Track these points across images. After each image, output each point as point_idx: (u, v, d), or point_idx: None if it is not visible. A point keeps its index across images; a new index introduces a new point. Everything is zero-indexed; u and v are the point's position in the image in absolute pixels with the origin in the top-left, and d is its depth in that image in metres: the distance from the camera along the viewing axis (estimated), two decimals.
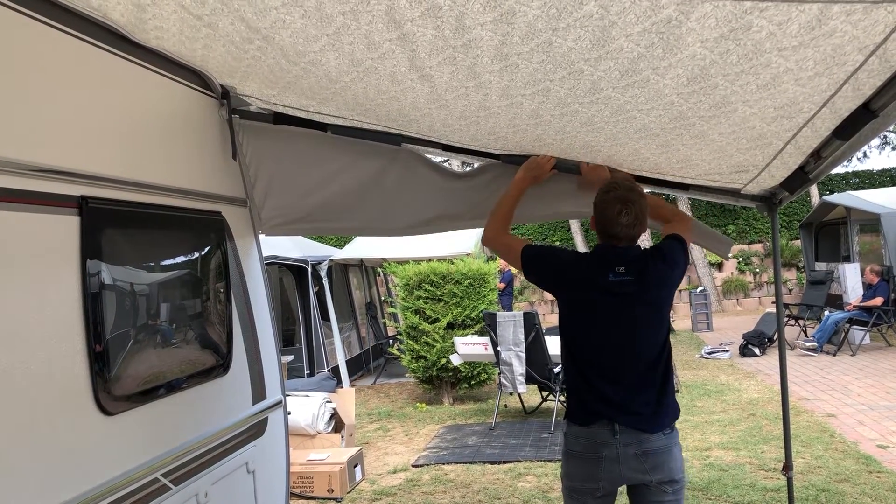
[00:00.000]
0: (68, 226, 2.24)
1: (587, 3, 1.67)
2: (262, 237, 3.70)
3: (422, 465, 6.42)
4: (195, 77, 3.04)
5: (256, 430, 3.44)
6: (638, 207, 2.62)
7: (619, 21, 1.75)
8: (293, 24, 1.98)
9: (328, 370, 10.26)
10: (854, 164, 25.34)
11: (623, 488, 2.70)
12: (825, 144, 2.54)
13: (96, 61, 2.41)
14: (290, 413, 6.15)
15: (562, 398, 7.78)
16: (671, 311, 12.20)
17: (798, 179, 2.95)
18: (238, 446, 3.22)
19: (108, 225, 2.42)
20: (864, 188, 19.25)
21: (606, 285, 2.62)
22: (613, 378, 2.64)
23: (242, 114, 3.34)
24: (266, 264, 10.54)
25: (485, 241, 3.12)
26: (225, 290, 3.23)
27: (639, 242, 2.71)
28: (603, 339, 2.66)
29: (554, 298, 13.28)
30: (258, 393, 3.46)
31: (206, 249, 3.11)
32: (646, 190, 3.25)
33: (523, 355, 7.56)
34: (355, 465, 6.00)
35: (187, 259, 2.98)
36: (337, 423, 6.52)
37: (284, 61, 2.38)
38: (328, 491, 5.67)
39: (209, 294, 3.11)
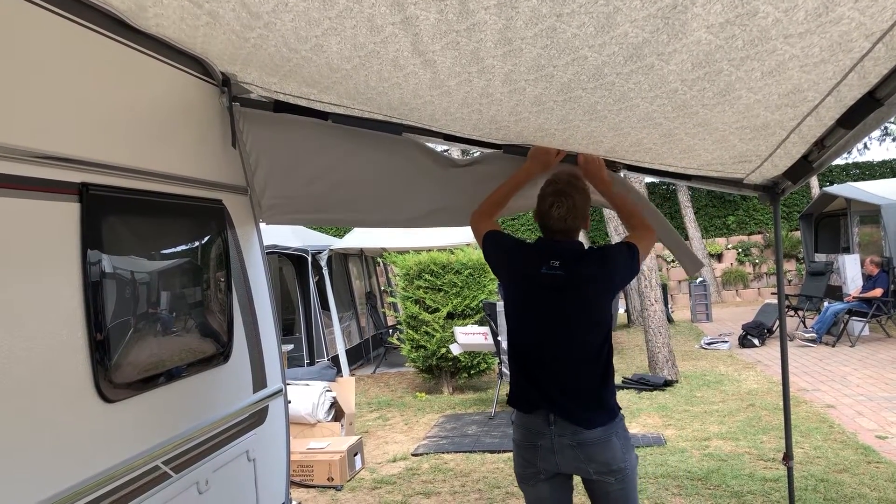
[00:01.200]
0: (69, 213, 2.23)
1: None
2: (262, 226, 3.69)
3: (421, 454, 6.44)
4: (196, 64, 3.02)
5: (257, 418, 3.43)
6: (572, 201, 2.68)
7: (624, 7, 1.73)
8: (295, 6, 1.96)
9: (328, 359, 10.27)
10: (854, 156, 25.30)
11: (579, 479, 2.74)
12: (829, 133, 2.52)
13: (97, 48, 2.39)
14: (290, 402, 6.17)
15: None
16: (672, 302, 12.10)
17: (801, 169, 2.94)
18: (239, 434, 3.22)
19: (109, 212, 2.41)
20: (864, 179, 19.23)
21: (539, 277, 2.67)
22: (548, 370, 2.67)
23: (243, 101, 3.32)
24: (266, 253, 10.51)
25: (470, 219, 3.16)
26: (225, 279, 3.22)
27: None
28: (537, 330, 2.70)
29: None
30: (259, 381, 3.46)
31: (207, 238, 3.10)
32: (647, 180, 3.25)
33: None
34: (355, 454, 6.01)
35: (188, 247, 2.97)
36: (337, 412, 6.53)
37: (286, 49, 2.36)
38: (328, 479, 5.68)
39: (210, 282, 3.11)
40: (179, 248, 2.91)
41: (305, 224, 7.30)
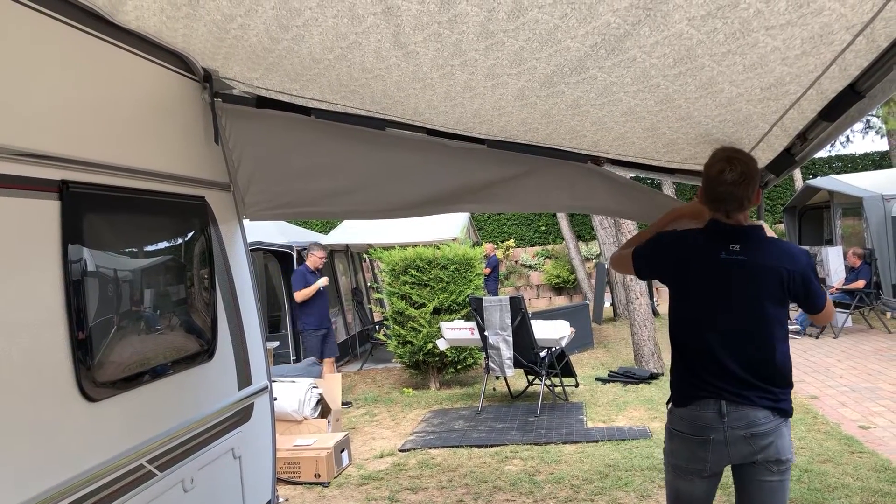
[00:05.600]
0: (48, 210, 2.20)
1: None
2: (246, 222, 3.67)
3: (408, 450, 6.43)
4: (177, 60, 2.99)
5: (242, 415, 3.42)
6: (745, 166, 2.46)
7: None
8: None
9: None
10: (837, 148, 25.47)
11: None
12: (811, 126, 2.53)
13: (76, 44, 2.36)
14: (276, 399, 6.14)
15: (548, 382, 7.82)
16: (657, 295, 12.09)
17: (784, 162, 2.95)
18: (224, 432, 3.20)
19: (90, 209, 2.38)
20: (847, 172, 19.35)
21: (718, 263, 2.52)
22: (729, 362, 2.58)
23: (225, 97, 3.31)
24: (251, 250, 10.41)
25: (612, 266, 3.03)
26: (209, 276, 3.20)
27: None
28: (718, 320, 2.59)
29: (539, 284, 13.33)
30: (244, 378, 3.44)
31: (190, 235, 3.07)
32: (630, 175, 3.25)
33: (511, 339, 7.57)
34: (342, 451, 6.00)
35: (170, 244, 2.95)
36: (323, 408, 6.51)
37: (267, 39, 2.35)
38: (315, 476, 5.66)
39: (193, 280, 3.08)
40: (162, 246, 2.89)
41: (290, 219, 7.27)
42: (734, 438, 2.51)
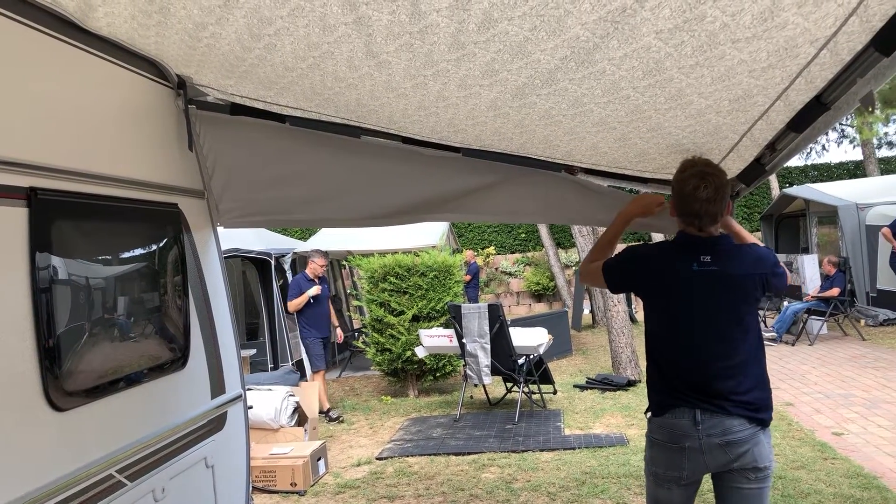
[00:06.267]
0: (16, 217, 2.18)
1: None
2: (222, 230, 3.65)
3: (386, 458, 6.41)
4: (151, 67, 2.98)
5: (215, 424, 3.39)
6: (718, 181, 2.48)
7: (575, 10, 1.75)
8: (246, 3, 1.95)
9: (292, 364, 10.19)
10: (813, 158, 25.82)
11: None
12: (780, 137, 2.57)
13: (46, 49, 2.34)
14: (252, 407, 6.11)
15: (526, 389, 7.83)
16: (634, 302, 12.12)
17: (754, 172, 2.98)
18: (196, 441, 3.18)
19: (59, 217, 2.36)
20: (822, 181, 19.61)
21: (689, 275, 2.54)
22: (702, 371, 2.60)
23: (199, 104, 3.29)
24: (228, 257, 10.37)
25: (582, 280, 3.03)
26: (182, 284, 3.18)
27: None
28: (691, 331, 2.61)
29: (520, 291, 13.34)
30: (217, 387, 3.42)
31: (162, 242, 3.05)
32: (605, 184, 3.27)
33: (488, 347, 7.58)
34: (319, 459, 5.97)
35: (142, 252, 2.92)
36: (300, 416, 6.48)
37: (239, 48, 2.34)
38: (291, 485, 5.63)
39: (165, 287, 3.06)
40: (133, 253, 2.87)
41: (266, 226, 7.25)
42: (709, 446, 2.53)
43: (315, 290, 8.23)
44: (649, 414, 2.71)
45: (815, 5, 1.65)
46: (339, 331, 8.68)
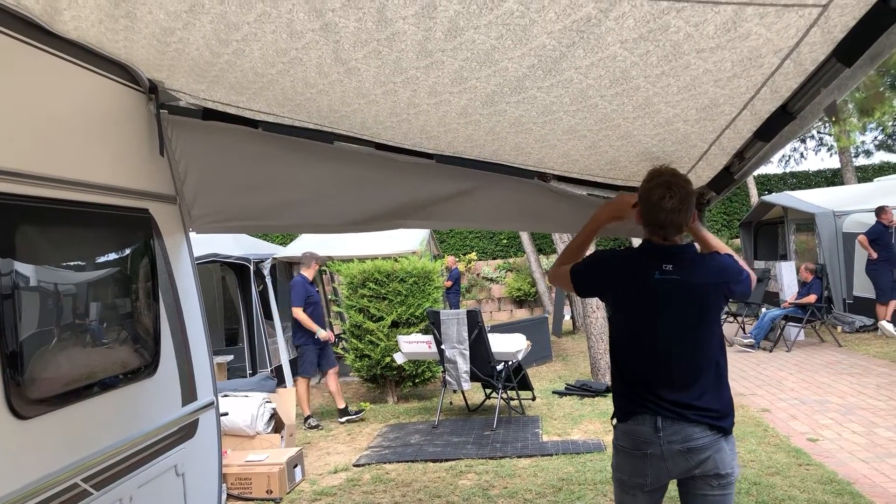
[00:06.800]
0: None
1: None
2: (203, 235, 3.63)
3: (363, 465, 6.38)
4: (122, 71, 2.96)
5: (186, 431, 3.36)
6: (684, 192, 2.51)
7: (540, 19, 1.75)
8: (212, 8, 1.94)
9: (271, 370, 10.13)
10: (791, 165, 26.08)
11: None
12: (748, 146, 2.59)
13: (11, 52, 2.32)
14: (227, 414, 6.06)
15: (504, 395, 7.83)
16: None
17: (724, 180, 3.01)
18: (166, 448, 3.15)
19: (22, 222, 2.33)
20: (800, 188, 19.78)
21: (652, 283, 2.55)
22: (664, 379, 2.62)
23: (172, 109, 3.28)
24: (207, 262, 10.26)
25: (550, 282, 3.05)
26: (152, 289, 3.15)
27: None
28: (653, 339, 2.63)
29: (501, 296, 13.35)
30: (188, 394, 3.39)
31: (132, 247, 3.03)
32: (577, 191, 3.27)
33: (467, 353, 7.58)
34: (295, 466, 5.93)
35: (111, 257, 2.90)
36: (277, 423, 6.44)
37: (208, 53, 2.33)
38: (267, 492, 5.59)
39: (135, 293, 3.03)
40: (101, 259, 2.84)
41: (241, 232, 7.21)
42: (671, 453, 2.54)
43: (325, 335, 8.26)
44: (615, 420, 2.72)
45: (777, 16, 1.66)
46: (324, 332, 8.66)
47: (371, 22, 1.88)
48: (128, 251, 3.00)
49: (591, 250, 2.93)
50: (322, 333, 8.21)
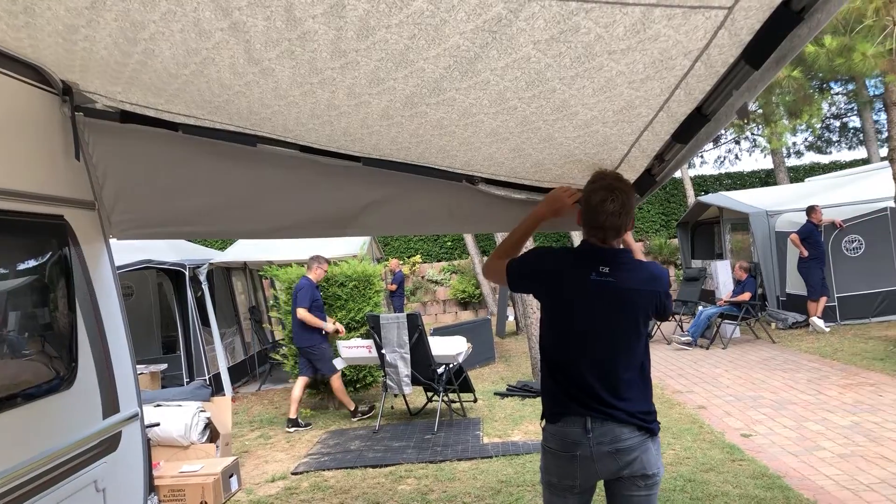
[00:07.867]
0: None
1: None
2: (136, 241, 3.51)
3: (302, 473, 6.29)
4: (32, 72, 2.84)
5: (108, 445, 3.24)
6: (625, 196, 2.54)
7: (451, 18, 1.73)
8: (115, 6, 1.86)
9: (209, 377, 9.92)
10: (727, 166, 26.76)
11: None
12: (667, 148, 2.61)
13: None
14: (159, 424, 5.91)
15: (445, 398, 7.81)
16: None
17: (646, 182, 3.03)
18: (85, 464, 3.03)
19: None
20: (735, 189, 20.31)
21: (587, 284, 2.56)
22: (591, 380, 2.62)
23: (88, 112, 3.16)
24: (141, 269, 10.01)
25: (485, 276, 3.03)
26: (68, 299, 3.03)
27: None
28: (582, 340, 2.63)
29: (446, 299, 13.39)
30: (110, 406, 3.27)
31: (46, 255, 2.91)
32: (502, 193, 3.27)
33: (408, 357, 7.54)
34: (231, 476, 5.81)
35: (22, 266, 2.78)
36: (212, 432, 6.29)
37: (118, 52, 2.25)
38: (201, 503, 5.45)
39: (50, 303, 2.91)
40: (11, 268, 2.72)
41: (166, 238, 7.06)
42: (600, 454, 2.55)
43: (332, 327, 8.33)
44: (544, 422, 2.72)
45: (684, 18, 1.67)
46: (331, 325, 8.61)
47: (280, 21, 1.83)
48: (41, 259, 2.89)
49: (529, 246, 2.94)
50: (329, 326, 8.24)
